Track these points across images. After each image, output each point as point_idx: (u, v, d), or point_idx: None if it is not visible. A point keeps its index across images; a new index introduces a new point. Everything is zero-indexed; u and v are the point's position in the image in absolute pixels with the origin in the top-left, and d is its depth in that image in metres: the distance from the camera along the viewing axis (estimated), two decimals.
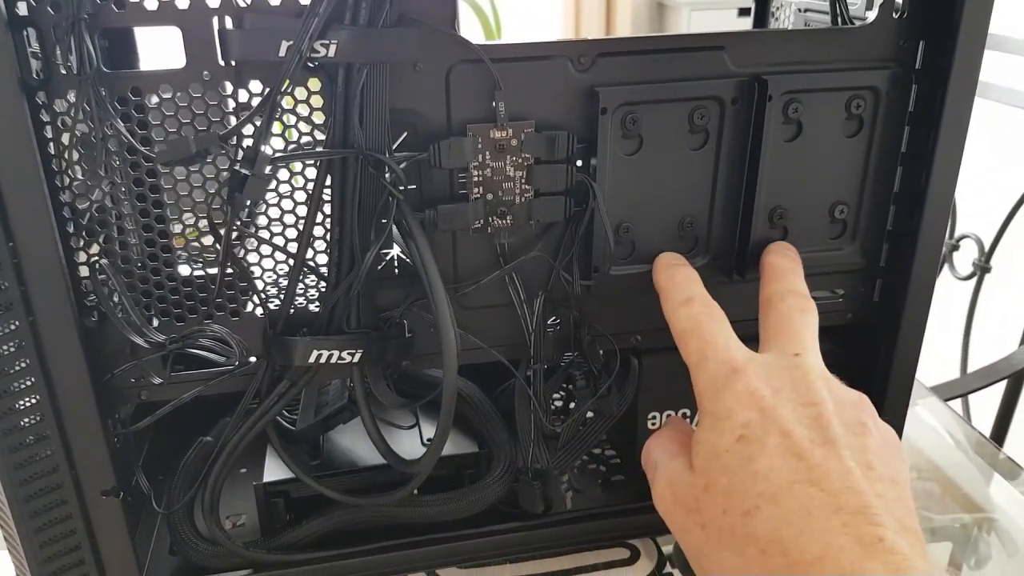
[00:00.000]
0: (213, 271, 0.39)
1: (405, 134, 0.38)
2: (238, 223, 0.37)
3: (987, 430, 0.99)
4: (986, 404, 1.03)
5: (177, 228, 0.38)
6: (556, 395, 0.56)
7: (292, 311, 0.40)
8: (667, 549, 0.53)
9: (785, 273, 0.40)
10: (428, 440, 0.49)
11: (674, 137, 0.40)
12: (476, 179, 0.39)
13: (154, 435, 0.50)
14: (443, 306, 0.37)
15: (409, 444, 0.48)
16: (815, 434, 0.31)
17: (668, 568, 0.51)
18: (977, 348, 1.12)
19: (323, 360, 0.40)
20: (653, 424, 0.49)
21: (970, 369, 1.07)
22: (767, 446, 0.31)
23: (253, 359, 0.41)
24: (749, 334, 0.47)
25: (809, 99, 0.41)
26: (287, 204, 0.39)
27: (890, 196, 0.45)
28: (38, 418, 0.38)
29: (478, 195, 0.39)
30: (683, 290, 0.39)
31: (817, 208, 0.44)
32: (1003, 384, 0.99)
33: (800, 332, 0.36)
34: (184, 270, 0.40)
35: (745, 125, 0.41)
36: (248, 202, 0.35)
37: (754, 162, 0.41)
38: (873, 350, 0.48)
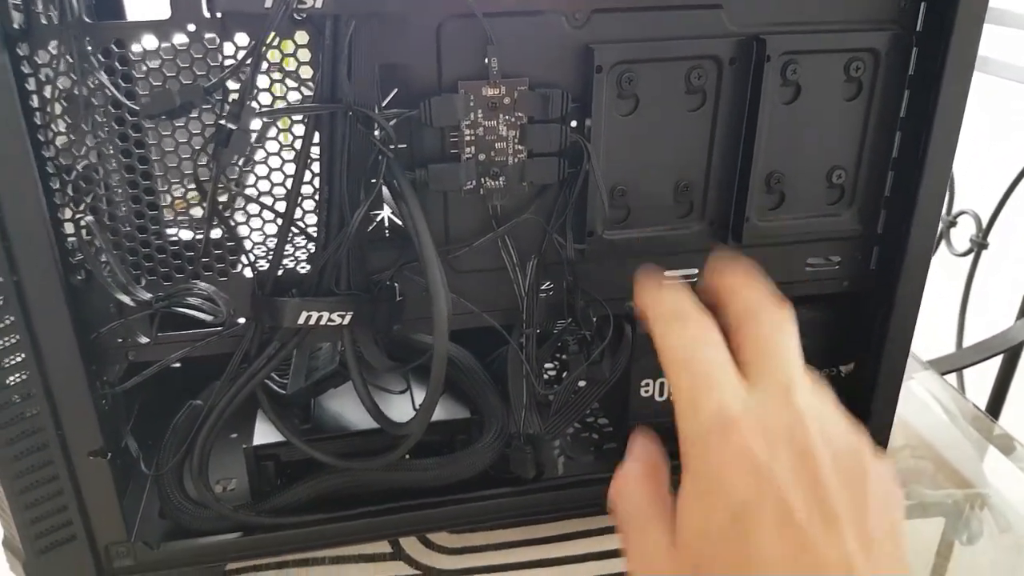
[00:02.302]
0: (201, 235, 0.39)
1: (395, 91, 0.37)
2: (225, 181, 0.37)
3: (982, 406, 0.99)
4: (981, 380, 1.03)
5: (167, 199, 0.38)
6: (548, 364, 0.55)
7: (281, 272, 0.40)
8: None
9: (746, 284, 0.35)
10: (419, 405, 0.49)
11: (671, 98, 0.39)
12: (468, 138, 0.38)
13: (143, 399, 0.49)
14: (434, 268, 0.37)
15: (400, 410, 0.48)
16: (814, 505, 0.28)
17: None
18: (973, 325, 1.12)
19: (313, 321, 0.39)
20: (646, 391, 0.48)
21: (965, 346, 1.07)
22: (764, 524, 0.28)
23: (242, 320, 0.40)
24: None
25: (808, 60, 0.40)
26: (275, 162, 0.38)
27: (888, 162, 0.44)
28: (23, 377, 0.37)
29: (470, 155, 0.39)
30: (675, 301, 0.33)
31: (815, 173, 0.43)
32: (998, 360, 0.99)
33: (785, 357, 0.32)
34: (172, 232, 0.39)
35: (743, 86, 0.40)
36: (234, 157, 0.34)
37: (752, 125, 0.41)
38: (869, 319, 0.48)
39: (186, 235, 0.39)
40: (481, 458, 0.46)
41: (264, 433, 0.45)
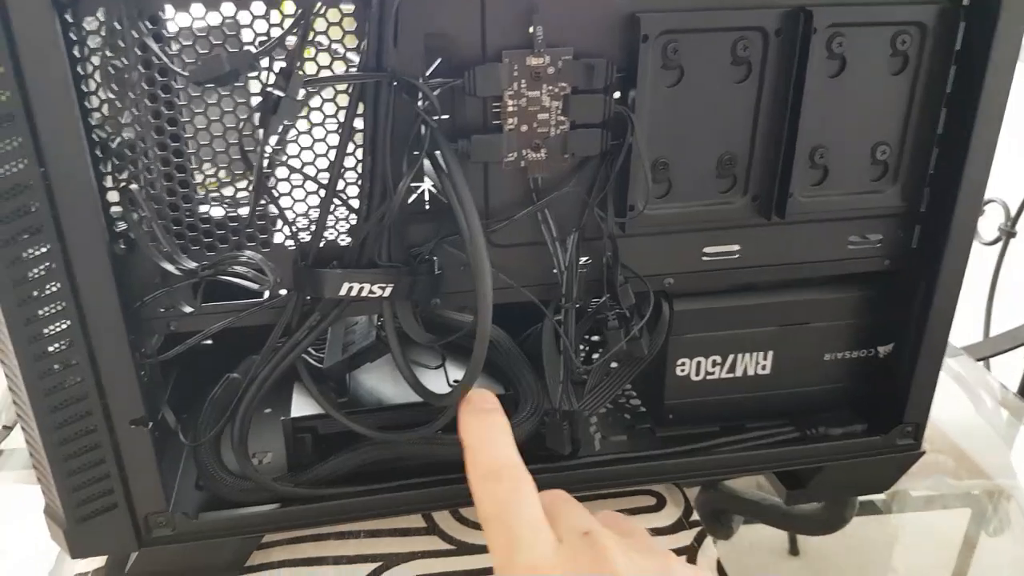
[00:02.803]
0: (242, 212, 0.39)
1: (439, 60, 0.37)
2: (270, 151, 0.37)
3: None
4: (1004, 370, 1.02)
5: (206, 176, 0.38)
6: (581, 344, 0.55)
7: (322, 244, 0.40)
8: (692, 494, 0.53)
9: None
10: (455, 381, 0.49)
11: (716, 69, 0.39)
12: (511, 109, 0.38)
13: (176, 375, 0.50)
14: (479, 241, 0.37)
15: (434, 386, 0.48)
16: None
17: (695, 516, 0.51)
18: (1000, 315, 1.11)
19: (354, 293, 0.39)
20: (682, 370, 0.48)
21: (993, 335, 1.06)
22: None
23: (283, 292, 0.41)
24: (789, 280, 0.47)
25: (854, 33, 0.40)
26: (318, 133, 0.38)
27: (933, 138, 0.43)
28: (68, 344, 0.38)
29: (512, 126, 0.38)
30: (490, 455, 0.36)
31: (859, 148, 0.43)
32: None
33: (571, 508, 0.35)
34: (210, 208, 0.39)
35: (789, 58, 0.40)
36: (283, 123, 0.34)
37: (797, 98, 0.40)
38: (909, 299, 0.47)
39: (218, 213, 0.39)
40: (517, 433, 0.45)
41: (302, 406, 0.46)
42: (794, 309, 0.48)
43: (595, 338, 0.56)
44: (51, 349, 0.38)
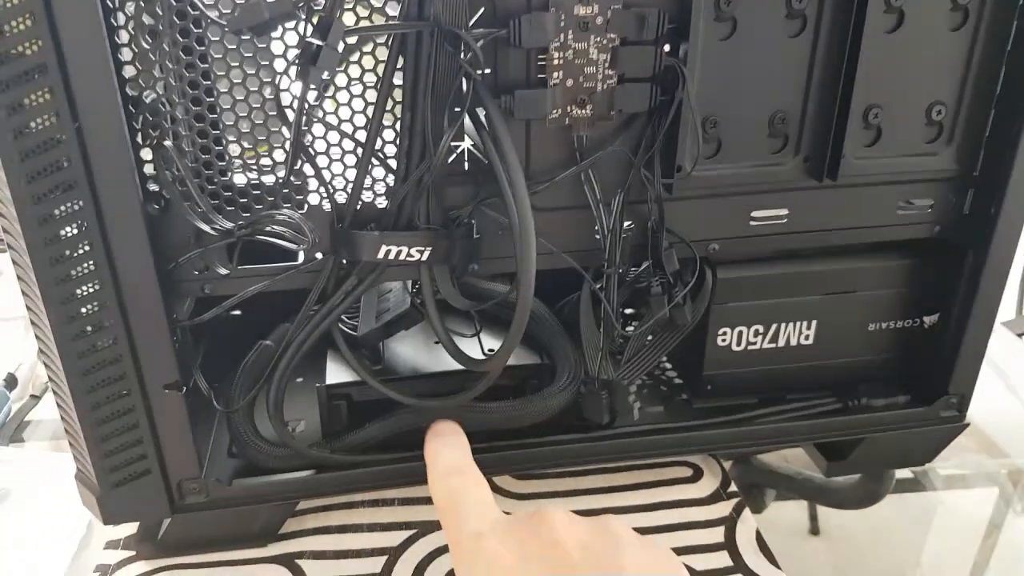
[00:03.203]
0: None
1: (482, 10, 0.35)
2: (307, 107, 0.35)
3: None
4: None
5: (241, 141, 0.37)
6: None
7: (359, 206, 0.39)
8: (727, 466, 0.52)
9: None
10: (490, 350, 0.48)
11: (770, 22, 0.37)
12: (556, 62, 0.36)
13: (207, 345, 0.49)
14: (524, 196, 0.35)
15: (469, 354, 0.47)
16: (564, 571, 0.31)
17: (733, 487, 0.50)
18: None
19: (392, 256, 0.38)
20: (723, 340, 0.47)
21: None
22: None
23: (319, 255, 0.39)
24: (835, 247, 0.46)
25: None
26: (356, 88, 0.37)
27: (992, 98, 0.42)
28: (100, 305, 0.37)
29: (557, 80, 0.37)
30: (445, 461, 0.39)
31: (914, 107, 0.41)
32: None
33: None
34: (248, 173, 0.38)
35: (845, 12, 0.38)
36: (323, 74, 0.33)
37: (852, 54, 0.39)
38: (958, 268, 0.46)
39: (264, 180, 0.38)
40: (554, 402, 0.45)
41: (337, 373, 0.45)
42: (839, 277, 0.46)
43: (629, 311, 0.55)
44: (83, 311, 0.37)
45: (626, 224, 0.42)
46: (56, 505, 0.49)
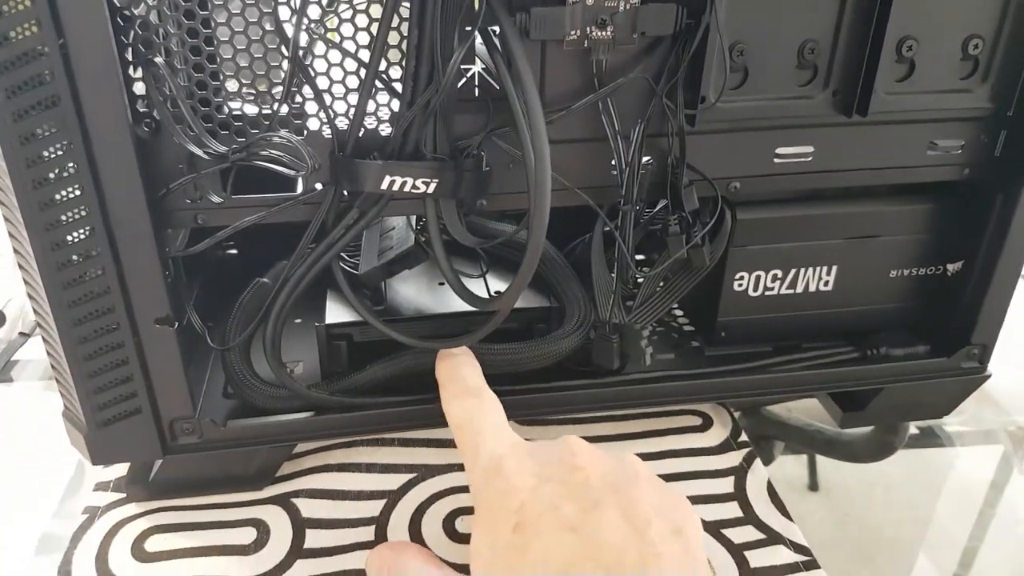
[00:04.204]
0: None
1: None
2: (307, 23, 0.33)
3: None
4: None
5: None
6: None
7: (362, 133, 0.36)
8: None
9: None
10: (496, 292, 0.46)
11: None
12: None
13: (200, 284, 0.47)
14: (540, 122, 0.33)
15: None
16: (585, 499, 0.30)
17: (743, 437, 0.49)
18: None
19: (396, 188, 0.36)
20: (740, 285, 0.45)
21: None
22: (540, 527, 0.30)
23: (319, 186, 0.37)
24: (858, 189, 0.44)
25: None
26: (360, 3, 0.34)
27: None
28: (88, 232, 0.35)
29: None
30: (459, 382, 0.39)
31: (950, 41, 0.39)
32: None
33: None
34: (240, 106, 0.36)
35: None
36: None
37: None
38: (986, 212, 0.44)
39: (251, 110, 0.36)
40: (563, 345, 0.43)
41: (337, 312, 0.43)
42: (863, 221, 0.44)
43: (639, 257, 0.53)
44: (69, 239, 0.35)
45: (644, 159, 0.39)
46: (45, 446, 0.48)
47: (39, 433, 0.50)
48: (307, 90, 0.35)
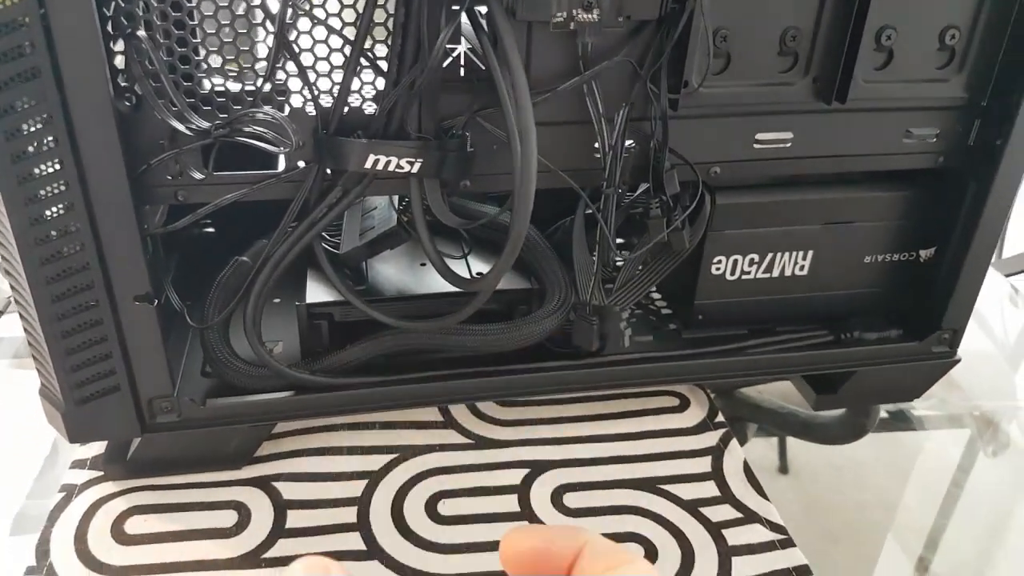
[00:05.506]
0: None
1: None
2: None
3: None
4: None
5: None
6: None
7: (346, 111, 0.36)
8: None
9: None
10: (478, 273, 0.46)
11: None
12: None
13: (178, 262, 0.46)
14: (526, 102, 0.33)
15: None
16: None
17: (720, 418, 0.50)
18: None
19: (380, 167, 0.36)
20: (718, 268, 0.46)
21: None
22: None
23: (301, 164, 0.37)
24: (835, 175, 0.44)
25: None
26: None
27: (1007, 26, 0.40)
28: (66, 208, 0.34)
29: None
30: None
31: (928, 31, 0.39)
32: None
33: None
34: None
35: None
36: None
37: None
38: (957, 200, 0.45)
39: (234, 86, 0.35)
40: (544, 326, 0.43)
41: (317, 292, 0.43)
42: (839, 207, 0.45)
43: (619, 240, 0.53)
44: (48, 214, 0.34)
45: (627, 143, 0.40)
46: (20, 423, 0.47)
47: (14, 410, 0.49)
48: (291, 67, 0.35)
